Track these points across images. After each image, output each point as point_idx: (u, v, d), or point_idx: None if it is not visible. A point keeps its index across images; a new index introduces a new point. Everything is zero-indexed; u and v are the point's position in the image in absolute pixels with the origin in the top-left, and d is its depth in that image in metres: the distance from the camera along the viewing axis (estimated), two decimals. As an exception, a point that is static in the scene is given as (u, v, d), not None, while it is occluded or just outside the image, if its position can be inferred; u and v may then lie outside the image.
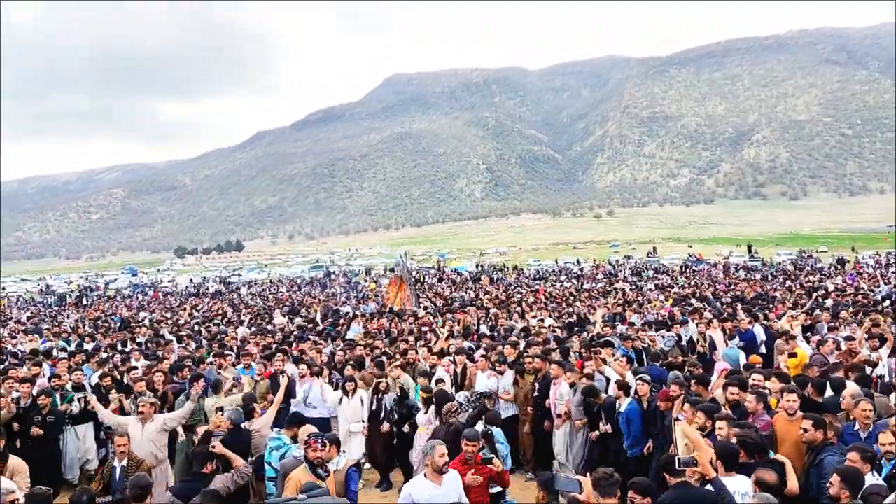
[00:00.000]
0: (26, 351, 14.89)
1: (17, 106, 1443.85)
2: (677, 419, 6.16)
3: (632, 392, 8.00)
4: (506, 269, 59.92)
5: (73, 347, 16.10)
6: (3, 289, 69.20)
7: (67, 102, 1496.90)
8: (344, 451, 6.25)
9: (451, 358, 11.02)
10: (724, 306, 18.23)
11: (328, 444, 5.94)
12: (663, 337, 12.79)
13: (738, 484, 5.19)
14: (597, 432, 8.26)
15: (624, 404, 7.92)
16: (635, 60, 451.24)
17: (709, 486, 4.88)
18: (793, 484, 5.36)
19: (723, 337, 12.17)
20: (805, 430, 5.72)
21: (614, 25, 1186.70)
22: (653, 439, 7.60)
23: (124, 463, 6.65)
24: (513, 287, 35.47)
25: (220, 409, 7.81)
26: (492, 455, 6.15)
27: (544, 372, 9.37)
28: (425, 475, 5.65)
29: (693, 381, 7.69)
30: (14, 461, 6.49)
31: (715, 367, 9.82)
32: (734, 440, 5.64)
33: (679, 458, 4.86)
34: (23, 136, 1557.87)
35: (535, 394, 9.27)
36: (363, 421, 9.16)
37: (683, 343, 12.34)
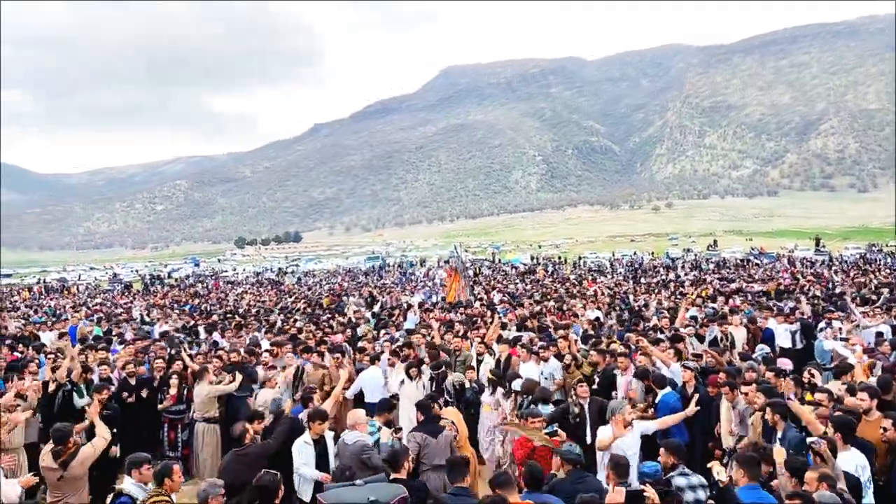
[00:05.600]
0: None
1: (86, 101, 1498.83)
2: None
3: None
4: (562, 262, 59.04)
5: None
6: (80, 276, 72.50)
7: (134, 98, 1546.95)
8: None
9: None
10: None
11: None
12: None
13: (854, 458, 5.28)
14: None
15: (659, 395, 7.94)
16: (697, 48, 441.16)
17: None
18: None
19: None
20: (885, 430, 5.67)
21: (675, 13, 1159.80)
22: (689, 427, 7.57)
23: None
24: (569, 280, 35.00)
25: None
26: (556, 428, 6.64)
27: (603, 366, 9.38)
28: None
29: (771, 373, 7.87)
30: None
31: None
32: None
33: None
34: (91, 130, 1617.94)
35: (595, 387, 9.07)
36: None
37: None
